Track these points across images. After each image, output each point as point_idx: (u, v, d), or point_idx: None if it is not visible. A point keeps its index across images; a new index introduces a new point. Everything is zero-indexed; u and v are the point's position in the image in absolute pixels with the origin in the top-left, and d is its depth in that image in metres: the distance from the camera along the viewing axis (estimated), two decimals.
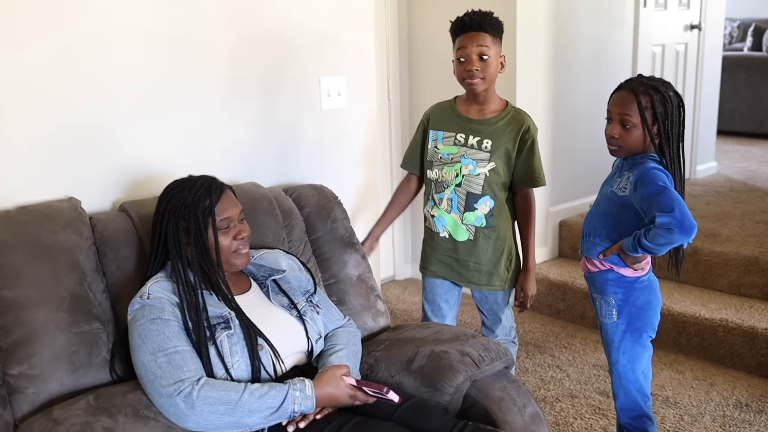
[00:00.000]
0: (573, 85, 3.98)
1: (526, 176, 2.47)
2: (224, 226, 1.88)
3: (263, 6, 2.53)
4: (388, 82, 4.02)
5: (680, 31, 4.88)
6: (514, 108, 2.48)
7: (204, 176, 1.92)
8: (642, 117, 2.08)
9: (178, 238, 1.84)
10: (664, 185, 2.04)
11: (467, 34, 2.37)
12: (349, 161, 2.90)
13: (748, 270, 3.41)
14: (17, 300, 1.80)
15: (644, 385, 2.28)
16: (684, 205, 2.02)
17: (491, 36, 2.37)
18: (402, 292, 4.16)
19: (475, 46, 2.35)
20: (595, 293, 2.29)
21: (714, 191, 4.77)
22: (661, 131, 2.10)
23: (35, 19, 2.04)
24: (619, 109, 2.12)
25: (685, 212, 2.00)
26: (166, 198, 1.87)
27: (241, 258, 1.91)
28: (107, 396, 1.72)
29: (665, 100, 2.08)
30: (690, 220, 2.00)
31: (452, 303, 2.66)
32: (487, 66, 2.37)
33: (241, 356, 1.78)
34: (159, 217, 1.87)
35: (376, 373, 2.04)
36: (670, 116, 2.09)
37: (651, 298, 2.23)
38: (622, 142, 2.14)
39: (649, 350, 2.27)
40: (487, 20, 2.36)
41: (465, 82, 2.41)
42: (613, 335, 2.26)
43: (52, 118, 2.11)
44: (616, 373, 2.28)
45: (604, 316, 2.26)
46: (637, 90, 2.09)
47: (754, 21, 7.59)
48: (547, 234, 4.03)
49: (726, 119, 6.60)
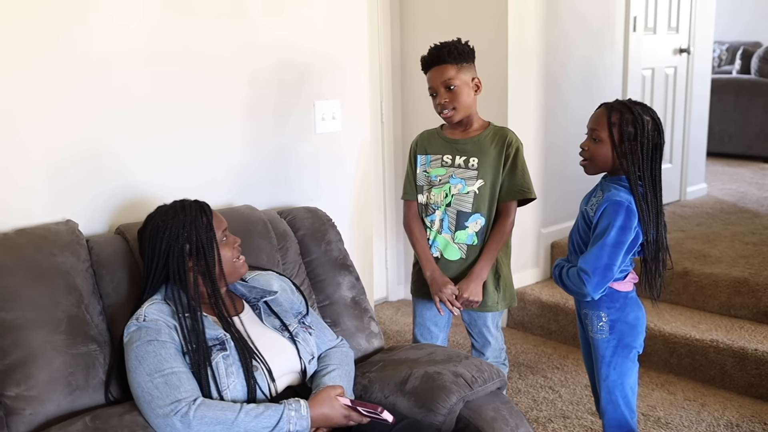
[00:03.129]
0: (564, 107, 4.02)
1: (510, 188, 2.49)
2: (223, 238, 1.92)
3: (259, 32, 2.57)
4: (382, 105, 4.06)
5: (669, 55, 4.95)
6: (495, 126, 2.54)
7: (185, 199, 1.95)
8: (610, 132, 2.16)
9: (183, 261, 1.86)
10: (612, 236, 2.13)
11: (431, 69, 2.45)
12: (343, 184, 2.93)
13: (738, 291, 3.44)
14: (15, 322, 1.82)
15: (631, 400, 2.32)
16: (609, 273, 2.16)
17: (454, 65, 2.41)
18: (395, 313, 4.17)
19: (440, 80, 2.41)
20: (586, 309, 2.31)
21: (704, 213, 4.82)
22: (627, 151, 2.15)
23: (31, 42, 2.07)
24: (591, 124, 2.23)
25: (605, 279, 2.17)
26: (163, 225, 1.87)
27: (243, 266, 1.98)
28: (104, 417, 1.73)
29: (636, 121, 2.13)
30: (601, 286, 2.18)
31: (442, 325, 2.67)
32: (456, 95, 2.42)
33: (237, 377, 1.80)
34: (159, 243, 1.87)
35: (370, 394, 2.06)
36: (639, 138, 2.13)
37: (639, 315, 2.28)
38: (590, 156, 2.23)
39: (637, 366, 2.32)
40: (445, 52, 2.41)
41: (441, 116, 2.48)
42: (604, 351, 2.28)
43: (49, 140, 2.13)
44: (605, 389, 2.30)
45: (596, 331, 2.28)
46: (611, 107, 2.19)
47: (742, 44, 7.68)
48: (538, 255, 4.05)
49: (715, 141, 6.66)
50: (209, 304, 1.90)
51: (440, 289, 2.49)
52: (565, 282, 2.26)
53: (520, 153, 2.49)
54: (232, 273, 1.95)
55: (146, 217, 1.95)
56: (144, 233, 1.92)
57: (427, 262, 2.54)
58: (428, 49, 2.46)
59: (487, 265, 2.50)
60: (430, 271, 2.52)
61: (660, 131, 2.16)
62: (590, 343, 2.36)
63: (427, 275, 2.53)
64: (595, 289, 2.18)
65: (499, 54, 3.59)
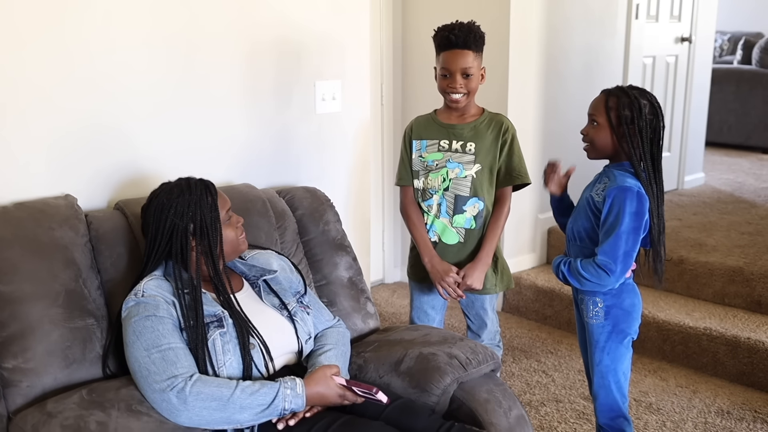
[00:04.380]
0: (564, 94, 4.02)
1: (506, 174, 2.51)
2: (227, 218, 1.93)
3: (261, 10, 2.56)
4: (382, 87, 4.05)
5: (671, 43, 4.94)
6: (490, 112, 2.54)
7: (190, 177, 1.95)
8: (607, 116, 2.17)
9: (186, 240, 1.86)
10: (626, 222, 2.12)
11: (452, 51, 2.39)
12: (342, 165, 2.94)
13: (733, 280, 3.46)
14: (13, 295, 1.83)
15: (624, 386, 2.33)
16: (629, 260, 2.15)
17: (474, 52, 2.39)
18: (391, 295, 4.19)
19: (460, 65, 2.39)
20: (582, 294, 2.32)
21: (701, 202, 4.83)
22: (626, 133, 2.15)
23: (36, 19, 2.07)
24: (590, 110, 2.24)
25: (627, 266, 2.15)
26: (168, 203, 1.87)
27: (244, 243, 2.00)
28: (100, 390, 1.74)
29: (632, 105, 2.14)
30: (624, 274, 2.17)
31: (438, 308, 2.69)
32: (470, 82, 2.42)
33: (233, 354, 1.81)
34: (163, 221, 1.86)
35: (365, 374, 2.08)
36: (636, 121, 2.14)
37: (635, 301, 2.28)
38: (590, 140, 2.24)
39: (631, 351, 2.32)
40: (471, 38, 2.37)
41: (447, 96, 2.46)
42: (598, 336, 2.29)
43: (50, 115, 2.13)
44: (598, 373, 2.32)
45: (591, 316, 2.29)
46: (609, 92, 2.21)
47: (744, 35, 7.66)
48: (535, 241, 4.07)
49: (714, 131, 6.66)
50: (209, 281, 1.91)
51: (442, 277, 2.50)
52: (577, 277, 2.21)
53: (516, 139, 2.51)
54: (235, 251, 1.97)
55: (150, 193, 1.94)
56: (148, 210, 1.91)
57: (425, 249, 2.55)
58: (451, 28, 2.39)
59: (490, 251, 2.52)
60: (429, 258, 2.53)
61: (658, 115, 2.16)
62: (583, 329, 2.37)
63: (426, 261, 2.54)
64: (618, 278, 2.17)
65: (500, 38, 3.58)
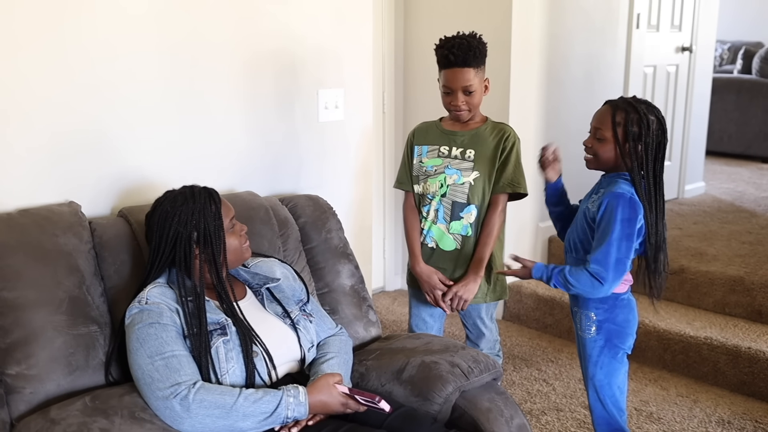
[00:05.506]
0: (565, 103, 4.03)
1: (502, 181, 2.50)
2: (230, 227, 1.94)
3: (264, 19, 2.57)
4: (384, 95, 4.06)
5: (672, 53, 4.96)
6: (494, 121, 2.55)
7: (194, 185, 1.96)
8: (614, 132, 2.12)
9: (190, 249, 1.87)
10: (618, 230, 2.09)
11: (452, 69, 2.39)
12: (344, 173, 2.94)
13: (733, 290, 3.46)
14: (16, 301, 1.83)
15: (620, 400, 2.31)
16: (622, 267, 2.12)
17: (475, 69, 2.39)
18: (392, 303, 4.19)
19: (461, 84, 2.39)
20: (576, 307, 2.32)
21: (701, 211, 4.84)
22: (631, 150, 2.12)
23: (40, 28, 2.08)
24: (595, 123, 2.19)
25: (619, 274, 2.12)
26: (172, 212, 1.87)
27: (248, 251, 2.01)
28: (104, 398, 1.74)
29: (641, 121, 2.09)
30: (617, 282, 2.14)
31: (437, 316, 2.69)
32: (472, 98, 2.43)
33: (236, 362, 1.81)
34: (167, 229, 1.87)
35: (367, 382, 2.08)
36: (644, 138, 2.10)
37: (629, 317, 2.26)
38: (594, 153, 2.20)
39: (625, 366, 2.31)
40: (471, 55, 2.36)
41: (451, 112, 2.48)
42: (591, 350, 2.29)
43: (54, 122, 2.14)
44: (592, 387, 2.31)
45: (584, 330, 2.29)
46: (616, 106, 2.14)
47: (744, 44, 7.68)
48: (536, 250, 4.07)
49: (715, 140, 6.68)
50: (212, 288, 1.92)
51: (432, 289, 2.53)
52: (572, 283, 2.17)
53: (516, 148, 2.50)
54: (239, 259, 1.98)
55: (154, 201, 1.95)
56: (152, 218, 1.92)
57: (414, 257, 2.57)
58: (449, 45, 2.38)
59: (481, 264, 2.51)
60: (417, 266, 2.56)
61: (664, 131, 2.13)
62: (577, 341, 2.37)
63: (415, 270, 2.56)
64: (611, 286, 2.14)
65: (502, 46, 3.59)
